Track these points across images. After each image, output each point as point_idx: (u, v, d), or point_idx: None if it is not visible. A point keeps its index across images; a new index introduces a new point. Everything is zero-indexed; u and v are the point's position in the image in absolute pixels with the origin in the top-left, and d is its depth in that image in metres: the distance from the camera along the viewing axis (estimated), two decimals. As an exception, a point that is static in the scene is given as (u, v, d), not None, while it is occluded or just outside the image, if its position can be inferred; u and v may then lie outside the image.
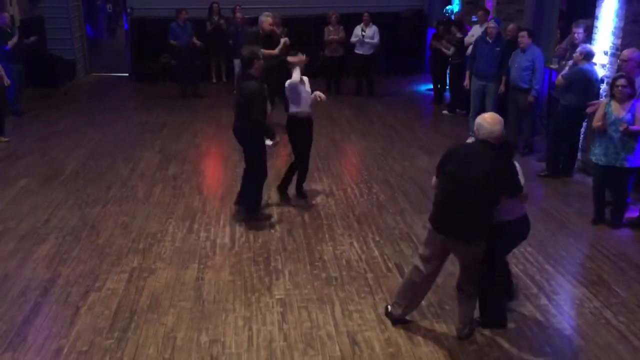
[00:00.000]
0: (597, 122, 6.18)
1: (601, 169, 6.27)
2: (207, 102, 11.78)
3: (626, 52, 6.47)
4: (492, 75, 8.75)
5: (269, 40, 9.15)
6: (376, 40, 11.87)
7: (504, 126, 4.21)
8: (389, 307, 4.66)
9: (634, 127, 5.92)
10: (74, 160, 8.35)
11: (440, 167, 4.29)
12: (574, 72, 7.20)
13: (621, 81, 6.01)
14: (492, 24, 9.02)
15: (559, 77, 7.48)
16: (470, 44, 9.88)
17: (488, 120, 4.13)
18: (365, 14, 11.90)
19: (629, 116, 5.97)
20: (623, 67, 6.44)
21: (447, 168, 4.19)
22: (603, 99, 6.50)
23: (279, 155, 8.23)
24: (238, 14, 11.81)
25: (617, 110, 6.04)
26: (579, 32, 7.59)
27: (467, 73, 9.35)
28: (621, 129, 5.93)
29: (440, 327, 4.55)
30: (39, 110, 11.02)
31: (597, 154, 6.24)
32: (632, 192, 6.68)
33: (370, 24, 11.85)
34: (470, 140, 8.81)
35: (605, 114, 6.10)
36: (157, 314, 4.73)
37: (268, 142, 6.32)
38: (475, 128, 4.19)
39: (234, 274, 5.36)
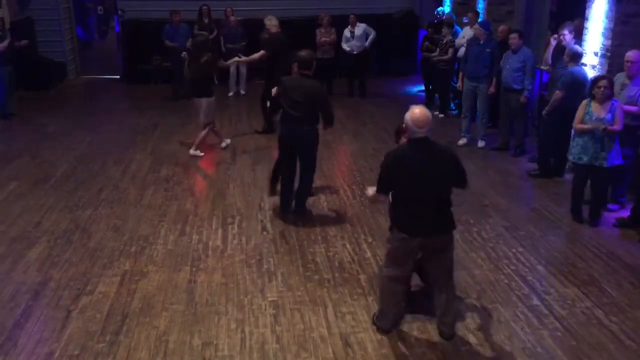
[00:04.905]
0: (578, 123, 6.26)
1: (581, 168, 6.33)
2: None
3: (631, 54, 6.37)
4: (482, 76, 8.76)
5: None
6: (372, 35, 11.97)
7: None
8: (375, 318, 4.61)
9: (614, 127, 6.02)
10: (65, 163, 8.31)
11: (387, 179, 4.33)
12: (563, 75, 7.24)
13: (603, 82, 6.11)
14: (477, 25, 9.05)
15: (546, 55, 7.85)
16: (462, 45, 9.90)
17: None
18: (352, 15, 12.00)
19: (609, 116, 6.07)
20: (629, 68, 6.40)
21: (399, 175, 4.23)
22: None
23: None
24: (232, 17, 11.92)
25: (598, 111, 6.13)
26: (564, 33, 7.58)
27: (460, 74, 9.38)
28: (601, 129, 6.03)
29: (432, 328, 4.55)
30: (29, 113, 10.94)
31: (576, 153, 6.30)
32: (627, 192, 6.74)
33: (357, 23, 11.92)
34: (462, 141, 8.97)
35: (585, 115, 6.18)
36: (149, 317, 4.71)
37: None
38: (403, 126, 4.33)
39: (226, 276, 5.35)
